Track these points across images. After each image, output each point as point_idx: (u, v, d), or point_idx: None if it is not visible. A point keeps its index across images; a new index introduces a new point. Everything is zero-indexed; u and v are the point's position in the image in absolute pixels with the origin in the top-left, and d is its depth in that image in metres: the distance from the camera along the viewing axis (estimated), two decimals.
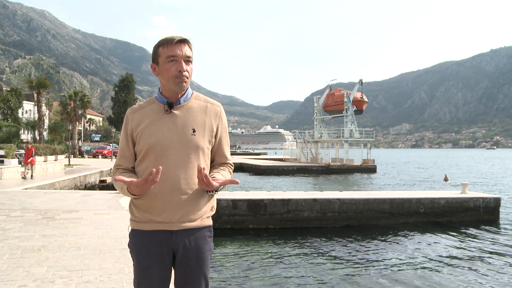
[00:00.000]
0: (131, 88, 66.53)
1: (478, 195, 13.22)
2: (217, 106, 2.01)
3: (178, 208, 1.85)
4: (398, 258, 8.79)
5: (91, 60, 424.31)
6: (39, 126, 35.64)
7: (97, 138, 70.69)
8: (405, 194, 13.85)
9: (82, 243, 5.51)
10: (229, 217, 10.96)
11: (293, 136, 64.00)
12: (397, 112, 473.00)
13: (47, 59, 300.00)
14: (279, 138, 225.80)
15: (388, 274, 7.64)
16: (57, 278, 3.97)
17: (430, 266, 8.24)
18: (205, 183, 1.77)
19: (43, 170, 19.55)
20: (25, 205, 9.20)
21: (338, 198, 11.73)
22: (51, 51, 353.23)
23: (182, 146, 1.86)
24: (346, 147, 38.00)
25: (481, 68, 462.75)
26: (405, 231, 11.24)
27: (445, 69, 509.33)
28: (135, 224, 1.92)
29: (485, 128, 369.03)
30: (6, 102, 45.55)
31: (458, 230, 11.40)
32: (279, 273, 7.56)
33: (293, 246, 9.63)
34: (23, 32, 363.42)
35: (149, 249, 1.86)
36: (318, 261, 8.44)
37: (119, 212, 8.24)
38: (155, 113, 1.91)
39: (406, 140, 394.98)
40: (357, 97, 41.63)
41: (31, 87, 35.90)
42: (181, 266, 1.88)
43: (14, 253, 4.89)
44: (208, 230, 1.95)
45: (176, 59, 1.85)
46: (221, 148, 2.00)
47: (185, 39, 1.89)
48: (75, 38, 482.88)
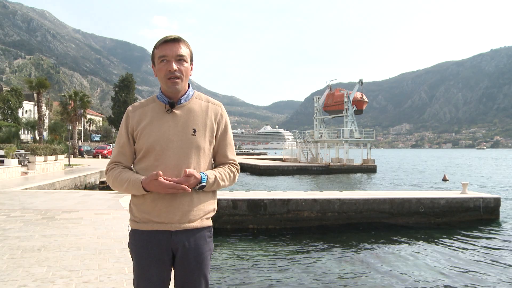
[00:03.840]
0: (131, 88, 66.57)
1: (478, 195, 13.22)
2: (218, 106, 2.00)
3: (177, 208, 1.84)
4: (398, 258, 8.78)
5: (91, 60, 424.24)
6: (39, 126, 35.60)
7: (97, 138, 70.63)
8: (405, 194, 13.85)
9: (82, 243, 5.51)
10: (229, 217, 10.96)
11: (293, 136, 63.98)
12: (397, 112, 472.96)
13: (47, 59, 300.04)
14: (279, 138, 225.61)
15: (388, 274, 7.64)
16: (57, 278, 3.97)
17: (430, 266, 8.23)
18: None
19: (43, 170, 19.54)
20: (25, 205, 9.19)
21: (338, 198, 11.73)
22: (51, 51, 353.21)
23: (182, 146, 1.86)
24: (346, 147, 37.99)
25: (481, 68, 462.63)
26: (405, 231, 11.24)
27: (445, 69, 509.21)
28: (135, 224, 1.91)
29: (485, 128, 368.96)
30: (6, 102, 45.57)
31: (458, 230, 11.39)
32: (279, 273, 7.56)
33: (293, 246, 9.62)
34: (23, 32, 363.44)
35: (148, 249, 1.86)
36: (318, 261, 8.43)
37: (119, 212, 8.23)
38: (156, 112, 1.91)
39: (406, 140, 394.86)
40: (357, 97, 41.63)
41: (31, 87, 35.86)
42: (181, 266, 1.88)
43: (14, 253, 4.88)
44: (208, 230, 1.95)
45: (167, 59, 1.84)
46: (222, 148, 1.99)
47: (177, 37, 1.87)
48: (75, 38, 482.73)
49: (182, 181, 1.76)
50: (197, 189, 1.84)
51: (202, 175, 1.82)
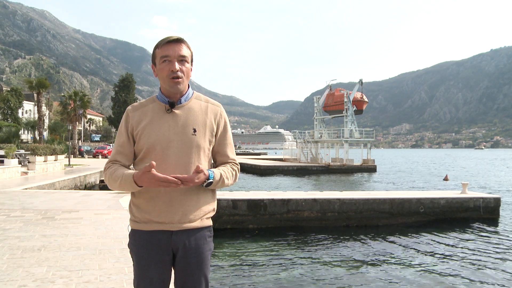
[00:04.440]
0: (131, 88, 66.59)
1: (478, 195, 13.23)
2: (217, 106, 2.01)
3: (178, 208, 1.84)
4: (398, 258, 8.78)
5: (91, 60, 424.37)
6: (39, 126, 35.60)
7: (97, 138, 70.66)
8: (405, 194, 13.86)
9: (82, 243, 5.51)
10: (229, 217, 10.96)
11: (293, 136, 63.97)
12: (397, 112, 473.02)
13: (47, 59, 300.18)
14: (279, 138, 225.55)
15: (388, 274, 7.64)
16: (57, 278, 3.97)
17: (430, 266, 8.24)
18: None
19: (43, 170, 19.55)
20: (25, 205, 9.19)
21: (338, 198, 11.73)
22: (51, 51, 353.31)
23: (182, 146, 1.86)
24: (346, 147, 38.00)
25: (481, 68, 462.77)
26: (405, 231, 11.24)
27: (445, 69, 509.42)
28: (135, 225, 1.91)
29: (485, 128, 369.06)
30: (6, 102, 45.57)
31: (458, 230, 11.40)
32: (279, 273, 7.56)
33: (293, 246, 9.63)
34: (23, 32, 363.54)
35: (149, 250, 1.86)
36: (318, 261, 8.43)
37: (119, 212, 8.23)
38: (156, 112, 1.91)
39: (406, 140, 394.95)
40: (357, 97, 41.63)
41: (31, 87, 35.87)
42: (181, 266, 1.88)
43: (14, 253, 4.88)
44: (208, 230, 1.95)
45: (169, 59, 1.85)
46: (222, 147, 1.99)
47: (179, 38, 1.88)
48: (75, 38, 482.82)
49: (192, 178, 1.74)
50: (205, 186, 1.84)
51: (209, 172, 1.83)
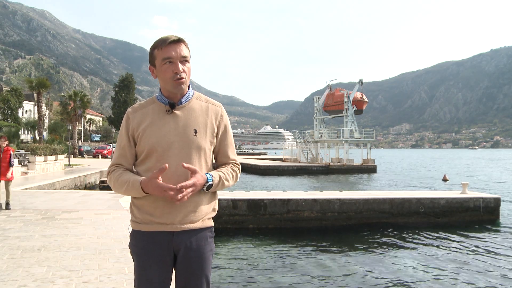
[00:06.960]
0: (131, 88, 66.56)
1: (478, 195, 13.22)
2: (218, 106, 1.99)
3: (179, 209, 1.83)
4: (398, 258, 8.78)
5: (91, 60, 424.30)
6: (39, 126, 35.58)
7: (97, 138, 70.64)
8: (405, 194, 13.86)
9: (82, 243, 5.51)
10: (229, 217, 10.96)
11: (293, 136, 63.98)
12: (397, 112, 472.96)
13: (47, 59, 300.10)
14: (279, 138, 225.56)
15: (388, 274, 7.64)
16: (57, 278, 3.97)
17: (430, 266, 8.23)
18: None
19: (43, 170, 19.55)
20: (25, 205, 9.20)
21: (338, 198, 11.73)
22: (51, 51, 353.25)
23: (183, 147, 1.85)
24: (346, 147, 37.99)
25: (481, 68, 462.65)
26: (405, 231, 11.23)
27: (445, 69, 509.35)
28: (136, 225, 1.91)
29: (485, 128, 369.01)
30: (6, 102, 45.54)
31: (458, 230, 11.39)
32: (279, 273, 7.56)
33: (293, 246, 9.62)
34: (23, 32, 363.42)
35: (149, 250, 1.85)
36: (318, 261, 8.43)
37: (119, 212, 8.24)
38: (156, 113, 1.89)
39: (406, 140, 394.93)
40: (357, 97, 41.63)
41: (31, 87, 35.85)
42: (182, 267, 1.87)
43: (14, 253, 4.88)
44: (209, 231, 1.94)
45: (172, 61, 1.83)
46: (223, 148, 1.99)
47: (179, 38, 1.86)
48: (75, 38, 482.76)
49: (194, 182, 1.77)
50: (205, 189, 1.84)
51: (207, 175, 1.83)
